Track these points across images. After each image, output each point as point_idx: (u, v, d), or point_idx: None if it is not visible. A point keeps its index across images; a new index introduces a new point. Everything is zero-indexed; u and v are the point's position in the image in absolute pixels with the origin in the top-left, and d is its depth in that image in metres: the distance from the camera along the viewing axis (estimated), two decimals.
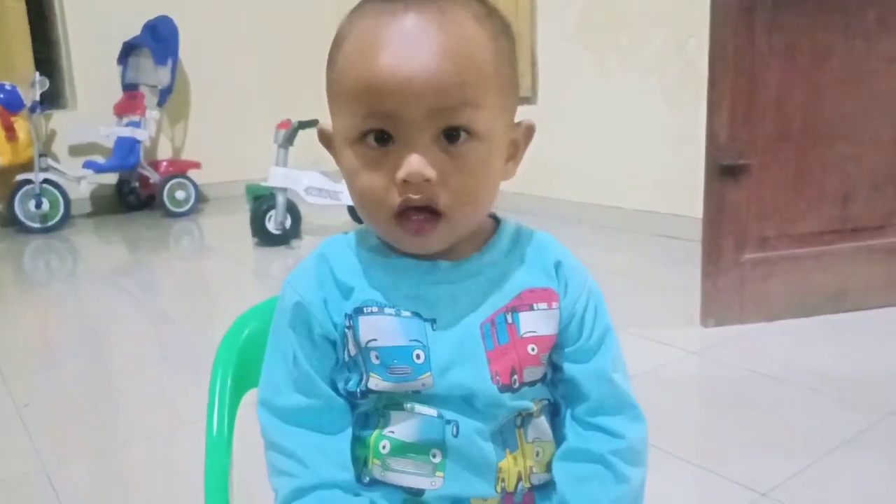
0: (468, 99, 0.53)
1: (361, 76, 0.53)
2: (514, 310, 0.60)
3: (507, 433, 0.60)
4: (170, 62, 3.97)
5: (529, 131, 0.61)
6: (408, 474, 0.59)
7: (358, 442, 0.61)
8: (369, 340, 0.58)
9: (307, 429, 0.60)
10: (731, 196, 1.95)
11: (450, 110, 0.53)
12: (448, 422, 0.58)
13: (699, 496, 1.28)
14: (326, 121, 0.62)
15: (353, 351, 0.59)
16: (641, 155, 3.24)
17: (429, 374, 0.57)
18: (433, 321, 0.58)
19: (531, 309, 0.60)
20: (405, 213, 0.55)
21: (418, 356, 0.58)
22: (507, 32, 0.57)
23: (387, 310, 0.58)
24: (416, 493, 0.59)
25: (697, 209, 2.01)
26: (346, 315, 0.59)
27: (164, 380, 1.93)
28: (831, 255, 2.07)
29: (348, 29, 0.56)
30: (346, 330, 0.59)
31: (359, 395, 0.60)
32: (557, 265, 0.62)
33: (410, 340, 0.58)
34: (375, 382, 0.58)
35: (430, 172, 0.53)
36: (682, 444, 1.42)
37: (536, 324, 0.60)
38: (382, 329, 0.58)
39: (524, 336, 0.59)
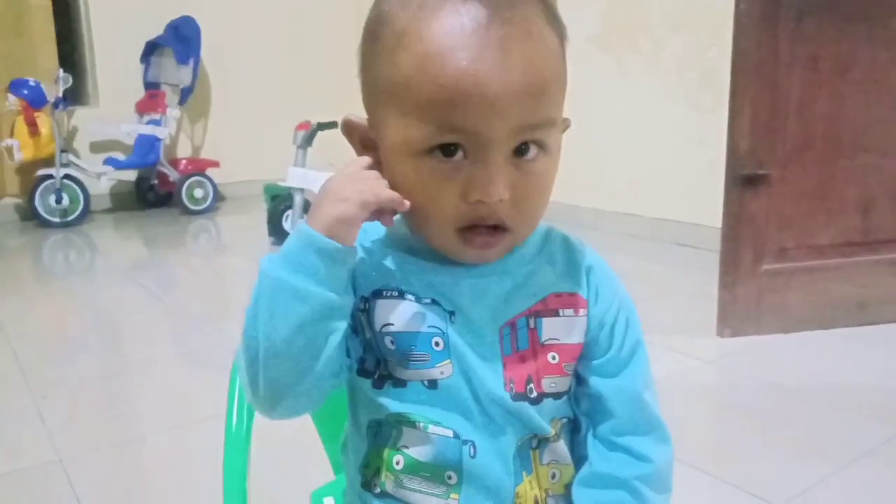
0: (550, 115, 0.52)
1: (440, 86, 0.48)
2: (537, 314, 0.57)
3: (523, 455, 0.57)
4: (191, 62, 4.00)
5: (565, 127, 0.60)
6: (421, 493, 0.56)
7: (372, 451, 0.58)
8: (384, 325, 0.55)
9: None
10: (750, 206, 1.94)
11: (531, 127, 0.51)
12: (465, 442, 0.55)
13: None
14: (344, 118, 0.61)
15: (368, 334, 0.57)
16: (660, 161, 3.23)
17: (448, 361, 0.55)
18: (452, 314, 0.56)
19: (556, 315, 0.57)
20: (472, 228, 0.53)
21: (437, 343, 0.55)
22: (565, 33, 0.56)
23: (407, 296, 0.56)
24: None
25: (716, 218, 2.00)
26: (362, 298, 0.56)
27: (181, 375, 1.95)
28: (851, 267, 2.05)
29: (414, 25, 0.50)
30: (360, 313, 0.56)
31: (377, 377, 0.57)
32: (588, 270, 0.60)
33: (429, 327, 0.55)
34: (393, 367, 0.56)
35: (506, 194, 0.51)
36: (698, 454, 1.41)
37: (560, 331, 0.57)
38: (400, 314, 0.55)
39: (545, 343, 0.57)
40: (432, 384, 0.55)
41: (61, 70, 3.70)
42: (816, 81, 1.95)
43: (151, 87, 4.14)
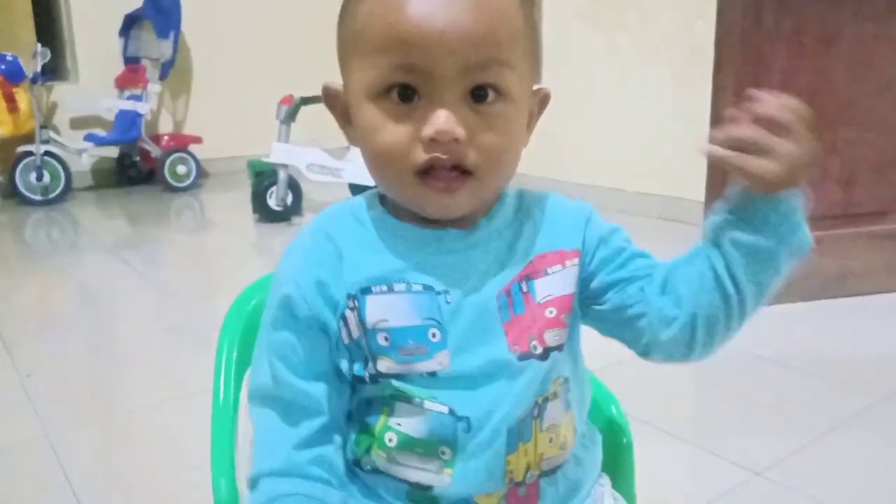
0: (500, 57, 0.52)
1: (390, 26, 0.50)
2: (528, 277, 0.58)
3: (523, 426, 0.57)
4: (172, 35, 3.94)
5: (545, 100, 0.60)
6: (414, 469, 0.56)
7: (362, 428, 0.58)
8: (378, 321, 0.55)
9: (273, 410, 0.57)
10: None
11: (481, 67, 0.51)
12: (460, 419, 0.55)
13: (694, 474, 1.30)
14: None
15: (355, 333, 0.55)
16: (646, 137, 3.23)
17: (446, 352, 0.55)
18: (446, 293, 0.55)
19: (545, 274, 0.58)
20: (431, 171, 0.52)
21: (434, 335, 0.55)
22: (531, 8, 0.56)
23: (396, 286, 0.55)
24: (424, 488, 0.56)
25: (701, 192, 2.00)
26: (349, 295, 0.55)
27: (167, 351, 1.94)
28: (832, 240, 2.07)
29: None
30: (349, 311, 0.55)
31: (368, 379, 0.56)
32: (567, 220, 0.61)
33: (425, 319, 0.55)
34: (387, 366, 0.55)
35: (460, 131, 0.51)
36: (679, 424, 1.43)
37: (552, 287, 0.58)
38: (393, 308, 0.55)
39: (541, 302, 0.57)
40: (431, 374, 0.55)
41: (39, 44, 3.62)
42: (801, 55, 1.95)
43: (131, 61, 4.07)
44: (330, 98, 0.59)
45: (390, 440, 0.56)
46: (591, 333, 0.65)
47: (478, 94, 0.52)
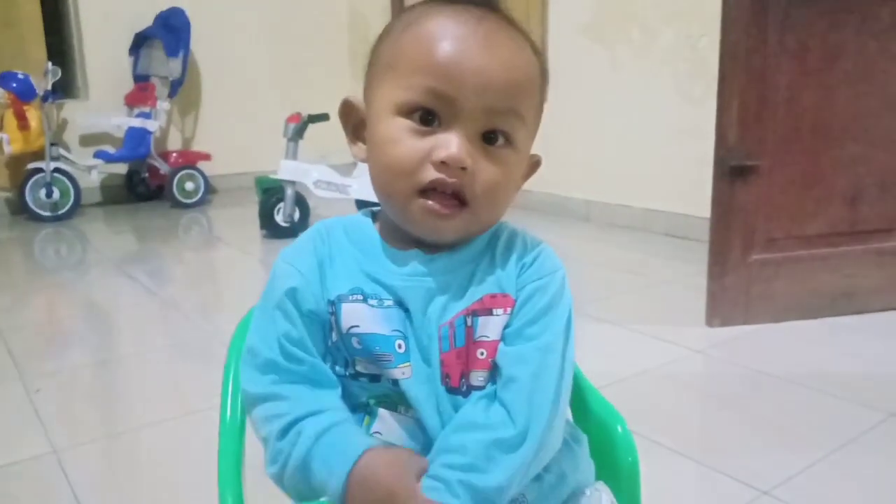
0: (517, 109, 0.58)
1: (433, 55, 0.56)
2: (474, 313, 0.60)
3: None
4: (181, 54, 3.98)
5: (536, 165, 0.66)
6: None
7: None
8: (351, 326, 0.59)
9: (293, 381, 0.60)
10: (739, 196, 1.95)
11: (499, 113, 0.57)
12: (424, 428, 0.60)
13: (700, 493, 1.29)
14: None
15: (335, 337, 0.60)
16: (651, 152, 3.24)
17: (408, 364, 0.59)
18: (409, 312, 0.60)
19: (490, 314, 0.61)
20: (431, 193, 0.57)
21: (399, 346, 0.59)
22: (546, 75, 0.63)
23: (370, 300, 0.60)
24: None
25: (707, 209, 2.01)
26: (329, 301, 0.60)
27: (174, 367, 1.95)
28: (839, 257, 2.07)
29: (417, 16, 0.59)
30: (329, 316, 0.60)
31: (349, 377, 0.61)
32: (522, 268, 0.63)
33: (392, 330, 0.59)
34: (364, 366, 0.60)
35: (468, 161, 0.56)
36: (685, 441, 1.43)
37: (490, 329, 0.61)
38: (365, 317, 0.59)
39: (477, 340, 0.60)
40: (395, 384, 0.59)
41: (50, 63, 3.67)
42: (805, 72, 1.96)
43: (141, 79, 4.12)
44: (348, 111, 0.64)
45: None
46: (594, 353, 0.65)
47: (489, 137, 0.58)
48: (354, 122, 0.64)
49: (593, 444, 0.72)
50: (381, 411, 0.60)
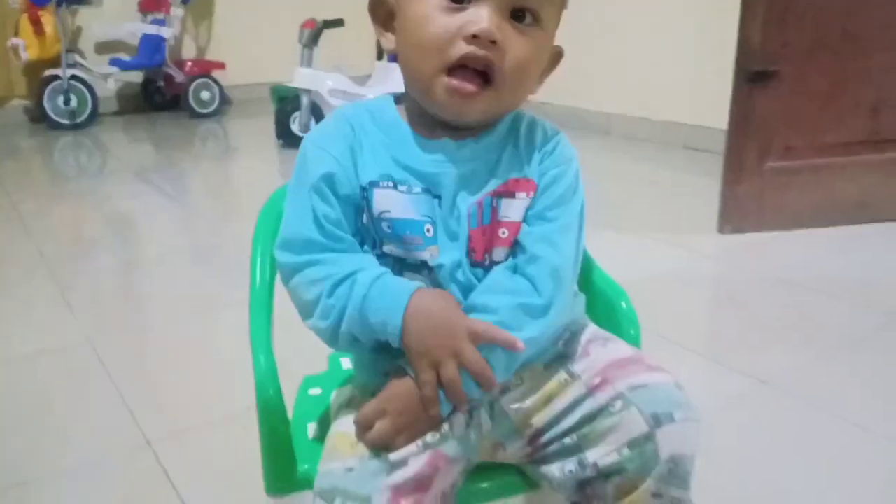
0: None
1: None
2: (499, 195, 0.64)
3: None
4: None
5: (557, 57, 0.67)
6: None
7: None
8: (382, 211, 0.62)
9: (334, 252, 0.63)
10: (758, 103, 1.94)
11: None
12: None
13: (703, 383, 1.35)
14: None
15: (365, 219, 0.64)
16: (672, 64, 3.18)
17: (436, 246, 0.63)
18: (440, 197, 0.63)
19: (513, 196, 0.64)
20: (459, 71, 0.59)
21: (429, 230, 0.63)
22: None
23: (400, 186, 0.63)
24: None
25: (727, 121, 1.99)
26: (360, 187, 0.63)
27: (197, 268, 2.02)
28: (856, 166, 2.07)
29: None
30: (362, 200, 0.63)
31: (376, 257, 0.64)
32: (545, 155, 0.66)
33: (422, 215, 0.62)
34: (390, 249, 0.63)
35: (498, 35, 0.58)
36: (692, 338, 1.48)
37: (513, 211, 0.64)
38: (396, 202, 0.62)
39: (500, 220, 0.64)
40: (421, 266, 0.63)
41: None
42: None
43: None
44: (377, 3, 0.65)
45: None
46: (608, 258, 0.68)
47: (518, 15, 0.59)
48: (383, 14, 0.66)
49: (599, 318, 0.77)
50: (406, 274, 0.64)
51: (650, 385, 0.60)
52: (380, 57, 3.37)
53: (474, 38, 0.58)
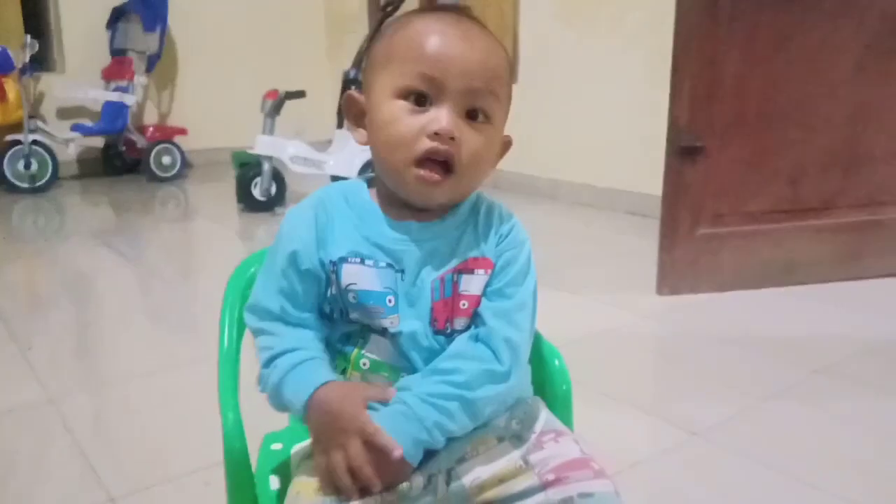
0: (494, 90, 0.70)
1: (423, 48, 0.69)
2: (459, 272, 0.73)
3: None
4: (158, 28, 4.03)
5: (507, 145, 0.77)
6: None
7: (339, 354, 0.75)
8: (349, 284, 0.71)
9: (283, 324, 0.74)
10: (688, 175, 2.11)
11: (479, 94, 0.69)
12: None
13: (640, 434, 1.45)
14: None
15: (334, 290, 0.72)
16: (615, 133, 3.38)
17: (397, 315, 0.71)
18: (402, 272, 0.72)
19: (472, 273, 0.74)
20: (425, 163, 0.69)
21: (390, 301, 0.71)
22: (512, 71, 0.77)
23: (367, 262, 0.71)
24: None
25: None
26: (331, 262, 0.72)
27: (157, 327, 2.07)
28: (780, 232, 2.24)
29: (405, 21, 0.72)
30: (330, 274, 0.72)
31: (342, 320, 0.74)
32: (500, 238, 0.77)
33: (385, 287, 0.71)
34: (356, 316, 0.73)
35: (456, 133, 0.68)
36: (629, 392, 1.59)
37: (472, 285, 0.73)
38: (362, 275, 0.71)
39: (461, 293, 0.73)
40: (383, 332, 0.72)
41: (28, 36, 3.70)
42: (752, 59, 2.11)
43: (118, 53, 4.16)
44: (350, 103, 0.76)
45: (364, 364, 0.74)
46: (551, 317, 0.77)
47: (472, 114, 0.70)
48: (355, 112, 0.75)
49: (534, 375, 0.86)
50: (373, 336, 0.73)
51: (596, 495, 0.68)
52: (340, 126, 3.50)
53: (436, 135, 0.68)
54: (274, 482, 0.83)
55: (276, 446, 0.91)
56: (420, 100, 0.69)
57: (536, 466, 0.72)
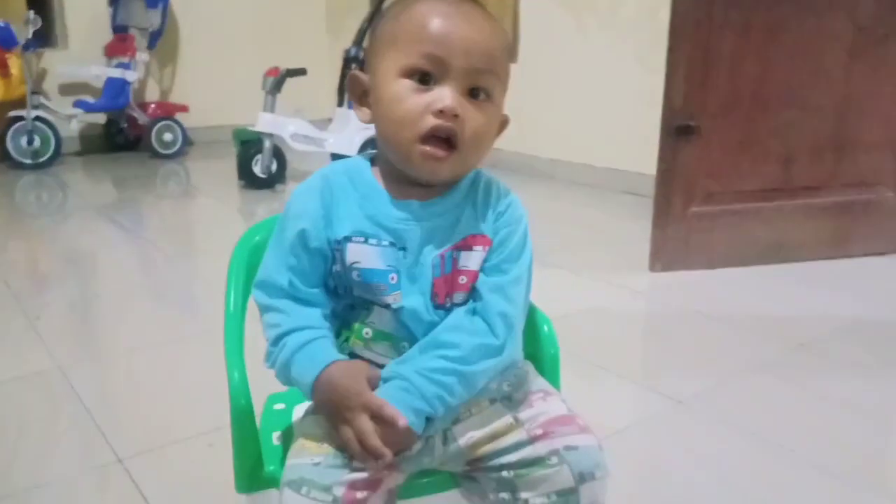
0: (495, 70, 0.73)
1: (426, 28, 0.71)
2: (458, 248, 0.76)
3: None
4: (160, 5, 4.04)
5: (504, 124, 0.79)
6: (382, 357, 0.77)
7: (343, 324, 0.78)
8: (353, 262, 0.74)
9: (293, 301, 0.77)
10: (682, 154, 2.15)
11: (481, 73, 0.72)
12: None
13: (627, 402, 1.51)
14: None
15: (339, 268, 0.76)
16: (612, 115, 3.42)
17: (399, 292, 0.75)
18: (404, 249, 0.75)
19: (471, 249, 0.77)
20: (429, 139, 0.72)
21: (393, 278, 0.74)
22: (511, 52, 0.78)
23: (370, 240, 0.74)
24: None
25: None
26: (335, 241, 0.75)
27: (160, 301, 2.12)
28: (771, 212, 2.29)
29: (412, 1, 0.74)
30: (335, 252, 0.75)
31: (346, 295, 0.78)
32: (499, 215, 0.80)
33: (387, 265, 0.74)
34: (360, 293, 0.76)
35: (460, 109, 0.71)
36: (620, 364, 1.65)
37: (470, 261, 0.77)
38: (365, 254, 0.74)
39: (459, 269, 0.77)
40: (386, 307, 0.75)
41: (31, 12, 3.72)
42: (747, 45, 2.15)
43: (120, 30, 4.17)
44: (354, 82, 0.79)
45: (367, 333, 0.78)
46: (547, 293, 0.81)
47: (474, 93, 0.73)
48: (359, 92, 0.78)
49: (525, 341, 0.91)
50: (376, 308, 0.77)
51: (580, 448, 0.73)
52: (340, 104, 3.53)
53: (440, 113, 0.70)
54: (277, 439, 0.88)
55: (279, 406, 0.96)
56: (424, 79, 0.71)
57: (525, 423, 0.77)
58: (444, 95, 0.71)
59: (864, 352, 1.73)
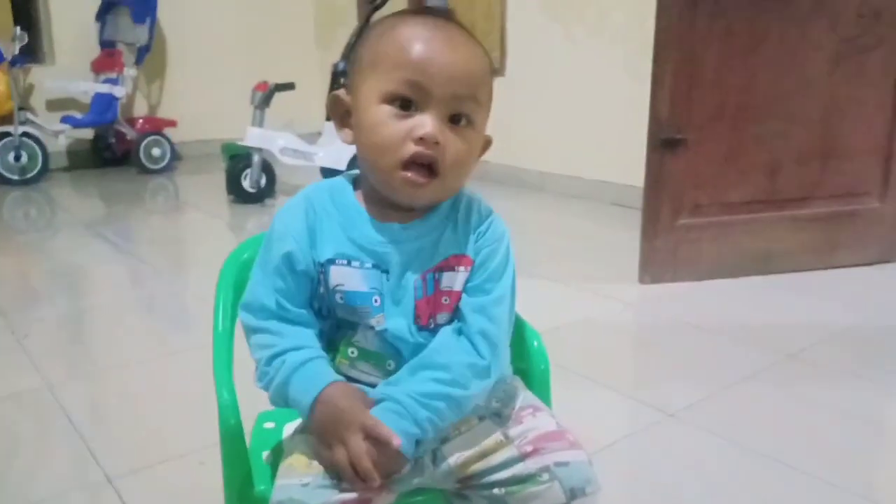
0: (476, 96, 0.73)
1: (409, 53, 0.71)
2: (440, 269, 0.77)
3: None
4: (148, 21, 4.04)
5: (487, 144, 0.80)
6: (367, 375, 0.78)
7: (329, 344, 0.79)
8: (337, 285, 0.75)
9: (282, 322, 0.77)
10: (669, 167, 2.17)
11: (462, 99, 0.72)
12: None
13: (617, 415, 1.51)
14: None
15: (322, 290, 0.76)
16: (602, 127, 3.43)
17: (382, 314, 0.75)
18: (387, 272, 0.75)
19: (453, 270, 0.77)
20: (410, 166, 0.72)
21: (376, 301, 0.75)
22: (493, 72, 0.78)
23: (353, 263, 0.75)
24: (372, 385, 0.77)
25: None
26: (319, 263, 0.75)
27: (150, 315, 2.11)
28: (758, 223, 2.31)
29: (390, 25, 0.74)
30: (319, 275, 0.75)
31: (330, 316, 0.78)
32: (479, 235, 0.80)
33: (371, 288, 0.75)
34: (343, 315, 0.76)
35: (440, 137, 0.71)
36: (609, 375, 1.65)
37: (453, 282, 0.77)
38: (349, 277, 0.75)
39: (442, 290, 0.77)
40: (371, 328, 0.75)
41: (18, 28, 3.71)
42: (731, 55, 2.17)
43: (108, 45, 4.17)
44: (335, 103, 0.78)
45: (352, 353, 0.78)
46: (537, 305, 0.81)
47: (455, 119, 0.74)
48: (341, 112, 0.77)
49: (514, 356, 0.92)
50: (360, 327, 0.77)
51: (571, 463, 0.73)
52: (329, 118, 3.53)
53: (421, 140, 0.70)
54: (267, 458, 0.88)
55: (269, 425, 0.96)
56: (405, 105, 0.71)
57: (515, 439, 0.77)
58: (425, 123, 0.70)
59: (852, 360, 1.74)
